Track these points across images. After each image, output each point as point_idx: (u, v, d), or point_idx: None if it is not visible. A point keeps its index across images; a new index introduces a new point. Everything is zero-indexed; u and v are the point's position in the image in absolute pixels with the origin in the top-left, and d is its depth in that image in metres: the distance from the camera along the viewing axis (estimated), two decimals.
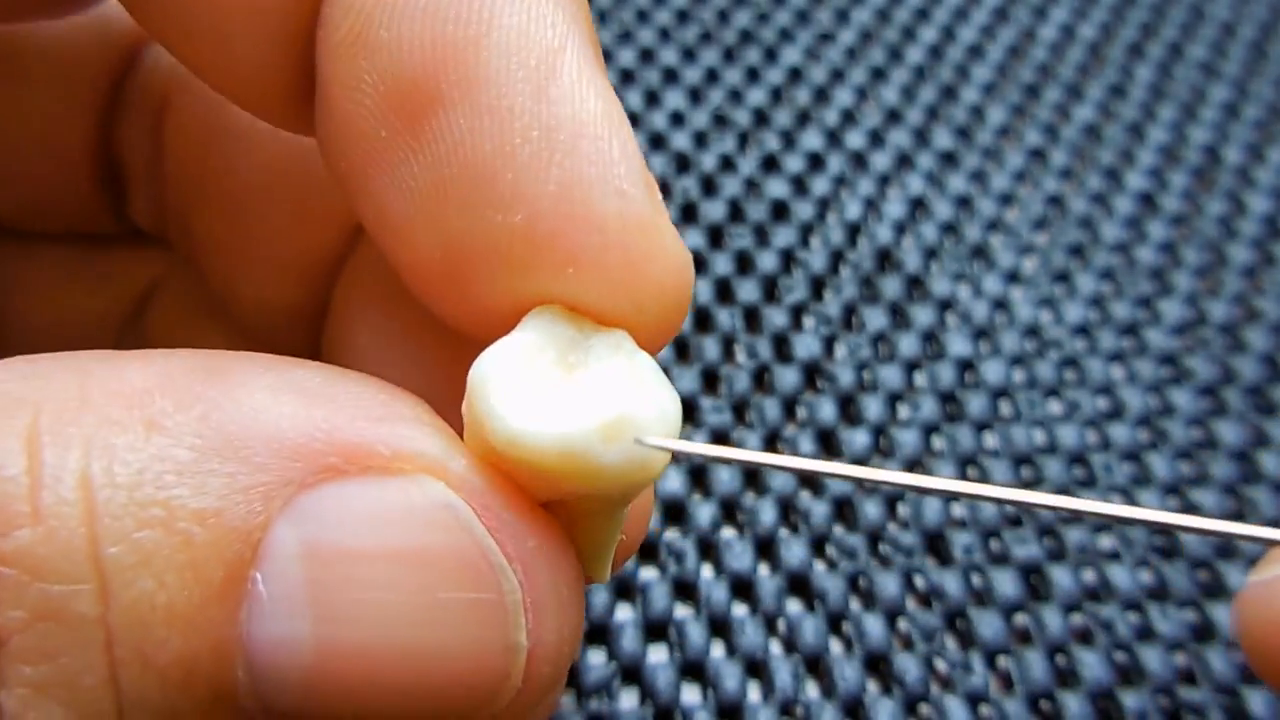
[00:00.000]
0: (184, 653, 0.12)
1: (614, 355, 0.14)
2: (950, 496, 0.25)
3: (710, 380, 0.29)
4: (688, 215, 0.32)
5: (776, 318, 0.30)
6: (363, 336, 0.19)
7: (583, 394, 0.13)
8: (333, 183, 0.16)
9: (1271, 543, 0.14)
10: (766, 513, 0.26)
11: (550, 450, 0.13)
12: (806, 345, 0.29)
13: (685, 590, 0.25)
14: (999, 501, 0.14)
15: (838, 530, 0.26)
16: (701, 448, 0.14)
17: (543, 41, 0.14)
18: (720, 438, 0.27)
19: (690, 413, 0.28)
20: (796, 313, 0.30)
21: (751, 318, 0.30)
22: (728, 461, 0.15)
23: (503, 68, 0.14)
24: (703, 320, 0.30)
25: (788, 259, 0.31)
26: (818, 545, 0.26)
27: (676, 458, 0.15)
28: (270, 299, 0.20)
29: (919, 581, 0.25)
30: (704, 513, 0.26)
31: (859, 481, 0.25)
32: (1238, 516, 0.27)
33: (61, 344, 0.23)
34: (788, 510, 0.26)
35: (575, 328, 0.14)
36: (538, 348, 0.14)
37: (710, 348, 0.29)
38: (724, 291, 0.30)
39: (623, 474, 0.13)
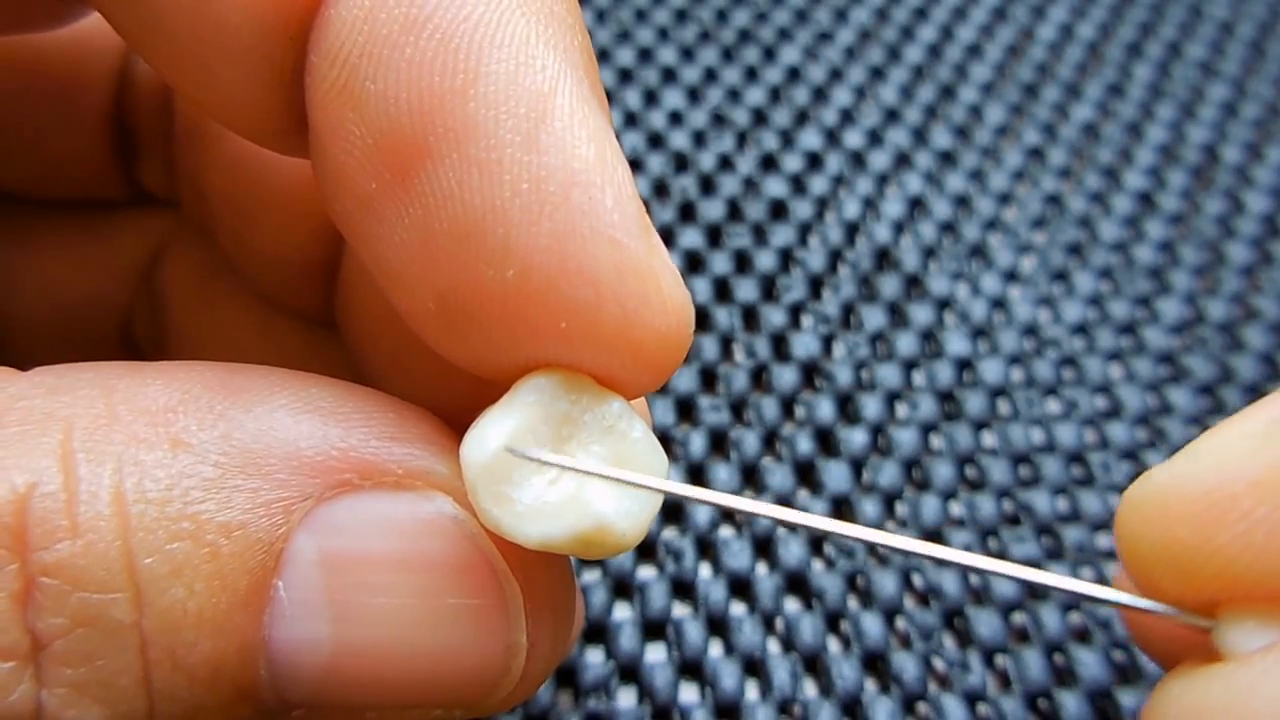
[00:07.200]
0: (212, 654, 0.13)
1: (605, 439, 0.14)
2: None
3: (708, 379, 0.29)
4: (686, 214, 0.32)
5: (775, 317, 0.30)
6: (375, 292, 0.19)
7: (566, 491, 0.14)
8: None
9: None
10: None
11: (531, 544, 0.14)
12: (805, 344, 0.29)
13: (683, 589, 0.25)
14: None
15: None
16: (682, 489, 0.14)
17: (532, 87, 0.13)
18: (718, 436, 0.27)
19: (688, 412, 0.28)
20: (795, 312, 0.30)
21: (750, 317, 0.30)
22: (702, 502, 0.16)
23: (491, 118, 0.13)
24: (701, 319, 0.30)
25: (786, 258, 0.31)
26: (816, 544, 0.26)
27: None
28: (282, 256, 0.20)
29: (917, 580, 0.25)
30: (702, 511, 0.26)
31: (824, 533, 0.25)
32: None
33: (76, 307, 0.23)
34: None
35: (569, 397, 0.14)
36: (528, 428, 0.14)
37: (708, 346, 0.29)
38: (722, 291, 0.30)
39: (597, 557, 0.14)
